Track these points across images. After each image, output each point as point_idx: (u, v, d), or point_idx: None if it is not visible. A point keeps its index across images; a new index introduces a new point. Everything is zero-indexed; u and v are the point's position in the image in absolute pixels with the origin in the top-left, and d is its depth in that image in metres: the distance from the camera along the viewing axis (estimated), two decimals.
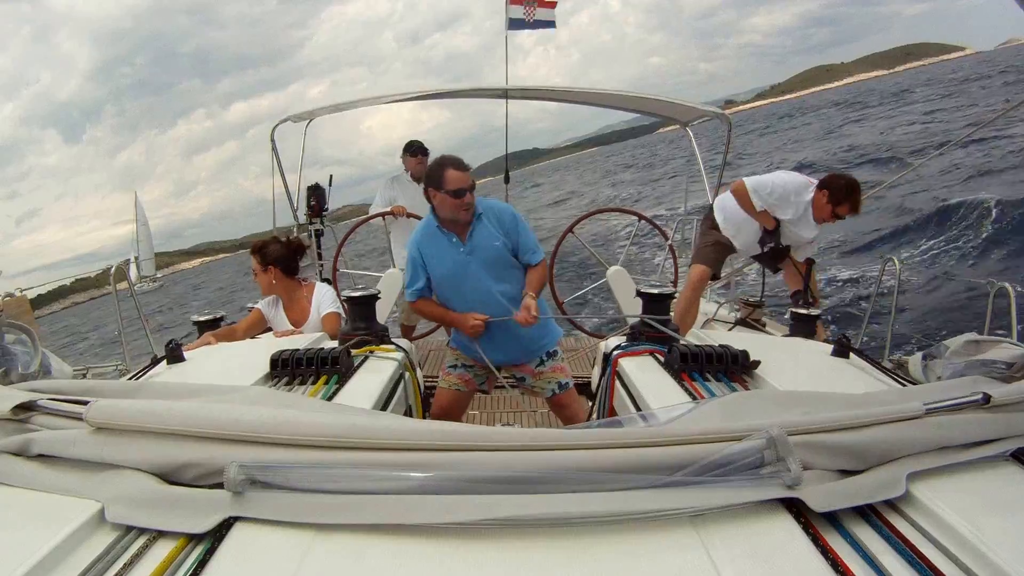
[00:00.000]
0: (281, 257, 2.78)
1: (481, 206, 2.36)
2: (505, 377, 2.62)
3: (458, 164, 2.26)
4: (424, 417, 2.48)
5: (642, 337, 2.09)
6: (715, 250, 3.43)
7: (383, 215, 4.26)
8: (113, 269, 3.17)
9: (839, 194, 2.98)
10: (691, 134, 4.70)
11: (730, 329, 3.17)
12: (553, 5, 4.91)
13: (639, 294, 2.27)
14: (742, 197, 3.21)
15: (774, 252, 3.30)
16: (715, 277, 3.57)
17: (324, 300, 2.83)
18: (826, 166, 15.14)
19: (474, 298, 2.37)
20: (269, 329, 2.83)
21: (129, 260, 4.62)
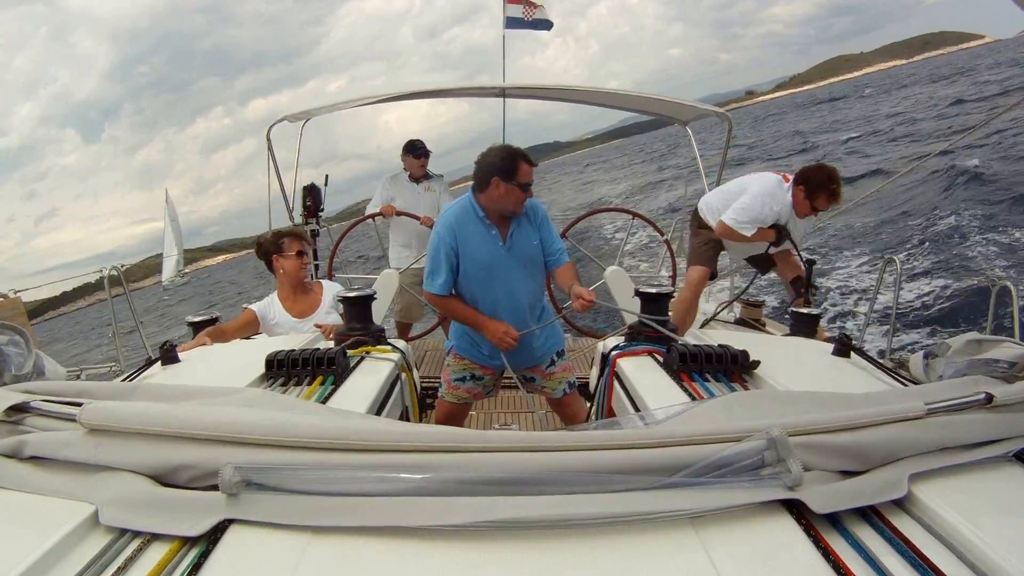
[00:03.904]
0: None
1: (525, 204, 2.34)
2: (508, 378, 2.62)
3: (529, 158, 2.25)
4: (421, 418, 2.47)
5: (640, 337, 2.08)
6: (709, 248, 3.42)
7: (373, 216, 4.23)
8: (107, 274, 3.17)
9: (814, 187, 2.95)
10: (691, 133, 4.71)
11: (729, 329, 3.17)
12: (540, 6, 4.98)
13: (637, 294, 2.26)
14: (731, 235, 3.19)
15: (765, 255, 3.30)
16: (713, 276, 3.57)
17: (338, 294, 2.85)
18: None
19: (503, 295, 2.34)
20: (260, 333, 2.81)
21: (163, 256, 4.64)
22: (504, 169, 2.22)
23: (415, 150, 4.25)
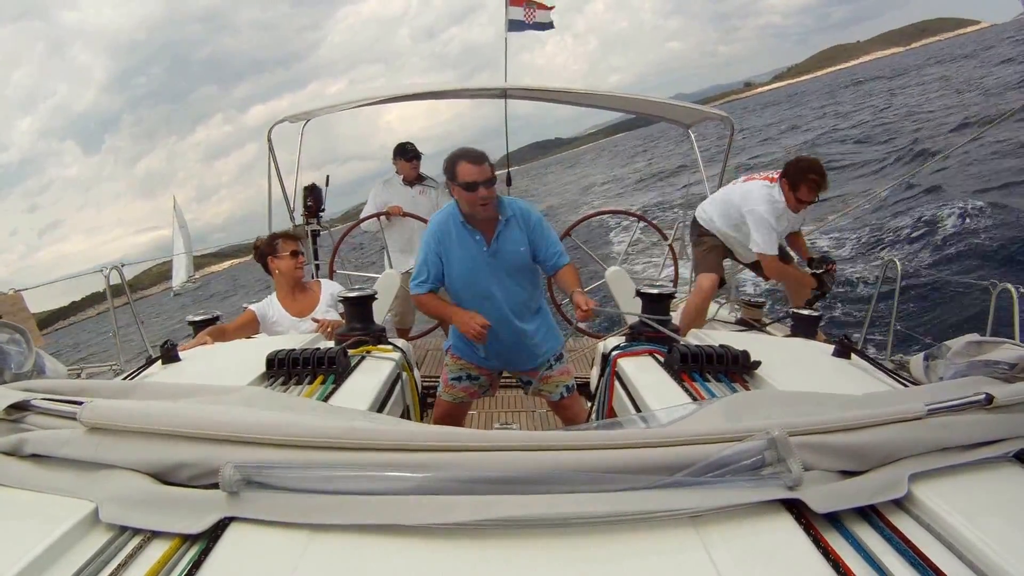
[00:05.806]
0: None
1: (511, 208, 2.31)
2: (508, 378, 2.61)
3: (473, 157, 2.19)
4: (422, 418, 2.47)
5: (642, 338, 2.08)
6: (715, 255, 3.40)
7: (379, 216, 4.22)
8: (108, 273, 3.18)
9: (793, 179, 2.96)
10: (692, 137, 4.70)
11: (730, 330, 3.16)
12: (551, 8, 4.94)
13: (639, 294, 2.26)
14: (774, 263, 3.17)
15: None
16: (722, 282, 3.52)
17: (337, 293, 2.84)
18: None
19: (487, 300, 2.32)
20: (259, 332, 2.81)
21: (172, 263, 4.67)
22: (449, 171, 2.21)
23: (406, 153, 4.22)
